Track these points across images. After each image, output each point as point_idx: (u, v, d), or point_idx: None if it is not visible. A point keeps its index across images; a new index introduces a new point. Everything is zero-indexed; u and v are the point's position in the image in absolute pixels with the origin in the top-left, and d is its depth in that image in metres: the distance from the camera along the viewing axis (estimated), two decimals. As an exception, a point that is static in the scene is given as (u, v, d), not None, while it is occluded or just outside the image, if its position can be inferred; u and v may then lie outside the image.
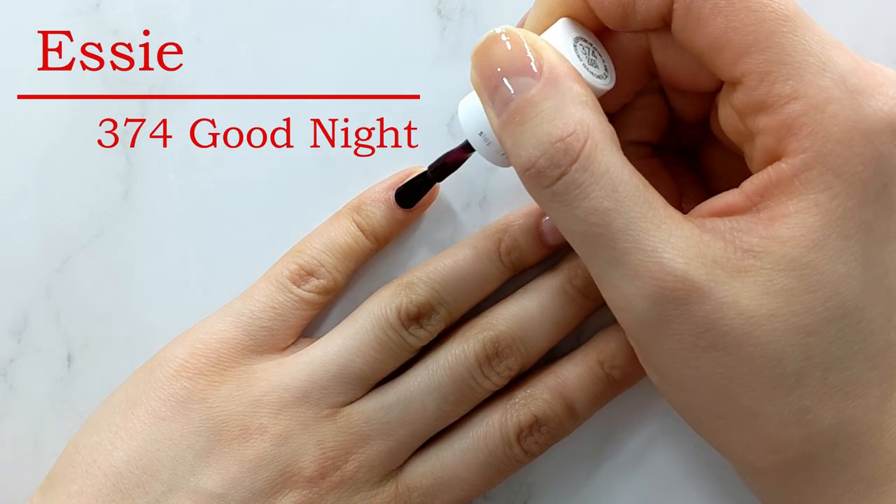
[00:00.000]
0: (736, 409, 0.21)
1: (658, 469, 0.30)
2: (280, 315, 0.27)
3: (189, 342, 0.27)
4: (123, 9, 0.29)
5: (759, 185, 0.21)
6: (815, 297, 0.20)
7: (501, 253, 0.28)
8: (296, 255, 0.28)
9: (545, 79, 0.21)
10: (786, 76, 0.20)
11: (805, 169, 0.20)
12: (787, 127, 0.20)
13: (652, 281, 0.20)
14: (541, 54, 0.21)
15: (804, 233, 0.20)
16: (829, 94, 0.20)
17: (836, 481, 0.21)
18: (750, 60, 0.20)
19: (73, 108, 0.29)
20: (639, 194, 0.21)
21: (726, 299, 0.20)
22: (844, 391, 0.21)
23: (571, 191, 0.21)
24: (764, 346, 0.20)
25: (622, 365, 0.27)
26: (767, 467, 0.22)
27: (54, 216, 0.30)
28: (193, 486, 0.25)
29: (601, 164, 0.20)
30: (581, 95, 0.21)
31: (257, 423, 0.26)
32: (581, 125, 0.21)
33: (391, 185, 0.28)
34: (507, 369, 0.27)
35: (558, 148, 0.20)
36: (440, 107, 0.29)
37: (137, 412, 0.26)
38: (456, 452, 0.27)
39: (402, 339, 0.27)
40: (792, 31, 0.20)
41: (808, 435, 0.21)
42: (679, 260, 0.20)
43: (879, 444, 0.21)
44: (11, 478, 0.29)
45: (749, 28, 0.20)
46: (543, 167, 0.21)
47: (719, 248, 0.20)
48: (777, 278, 0.20)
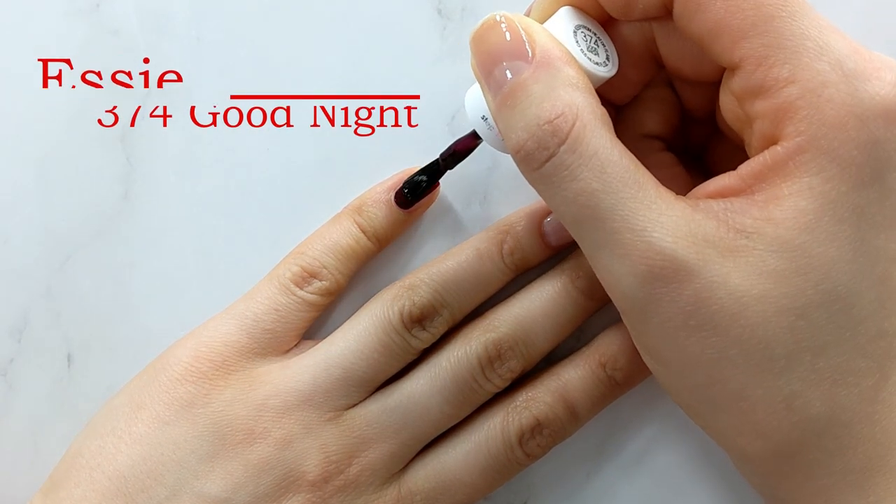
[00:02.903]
0: (725, 391, 0.21)
1: (659, 469, 0.30)
2: (283, 317, 0.27)
3: (192, 345, 0.27)
4: (123, 9, 0.29)
5: (754, 167, 0.21)
6: (805, 280, 0.20)
7: (504, 254, 0.28)
8: (297, 256, 0.28)
9: (537, 62, 0.21)
10: (783, 60, 0.20)
11: (800, 152, 0.20)
12: (783, 110, 0.20)
13: (641, 260, 0.20)
14: (534, 38, 0.21)
15: (796, 215, 0.20)
16: (825, 78, 0.20)
17: (826, 471, 0.21)
18: (748, 45, 0.20)
19: (74, 108, 0.29)
20: (628, 175, 0.21)
21: (716, 279, 0.20)
22: (834, 378, 0.21)
23: (559, 172, 0.21)
24: (753, 327, 0.20)
25: (624, 367, 0.27)
26: (758, 454, 0.22)
27: (54, 216, 0.30)
28: (197, 490, 0.25)
29: (590, 146, 0.21)
30: (572, 78, 0.21)
31: (261, 427, 0.26)
32: (570, 107, 0.21)
33: (392, 185, 0.28)
34: (509, 371, 0.27)
35: (545, 130, 0.21)
36: (440, 107, 0.29)
37: (141, 416, 0.26)
38: (458, 456, 0.27)
39: (404, 342, 0.27)
40: (790, 16, 0.20)
41: (797, 421, 0.21)
42: (668, 239, 0.20)
43: (871, 435, 0.21)
44: (11, 478, 0.29)
45: (748, 12, 0.20)
46: (532, 149, 0.21)
47: (711, 227, 0.20)
48: (769, 259, 0.20)
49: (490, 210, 0.29)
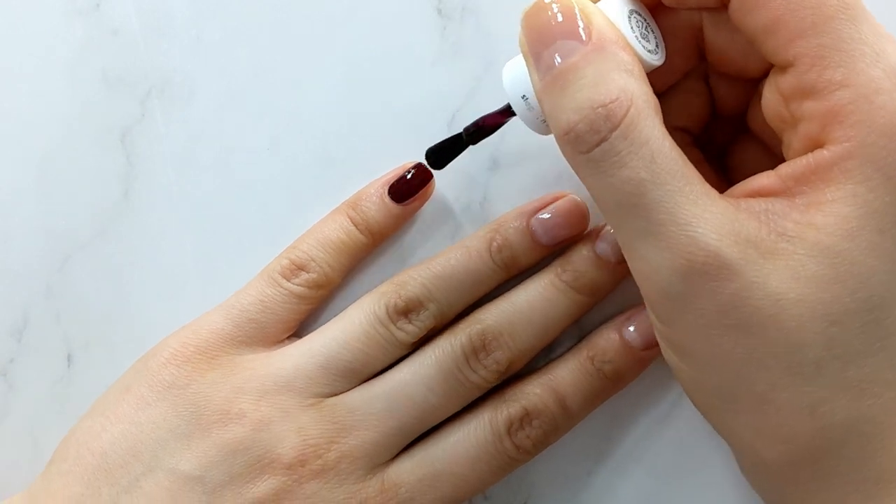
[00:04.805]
0: (750, 392, 0.21)
1: (659, 469, 0.30)
2: (269, 308, 0.28)
3: (182, 333, 0.28)
4: (123, 9, 0.29)
5: (796, 169, 0.21)
6: (843, 287, 0.20)
7: (492, 251, 0.28)
8: (289, 251, 0.28)
9: (592, 45, 0.21)
10: (838, 62, 0.20)
11: (847, 158, 0.20)
12: (833, 114, 0.20)
13: (683, 253, 0.20)
14: (591, 20, 0.21)
15: (839, 221, 0.20)
16: (879, 85, 0.20)
17: (843, 479, 0.21)
18: (805, 43, 0.20)
19: (73, 108, 0.29)
20: (677, 168, 0.20)
21: (756, 279, 0.20)
22: (861, 388, 0.20)
23: (609, 158, 0.20)
24: (788, 331, 0.20)
25: (613, 360, 0.27)
26: (775, 459, 0.22)
27: (54, 216, 0.30)
28: (171, 467, 0.26)
29: (642, 134, 0.20)
30: (627, 63, 0.21)
31: (237, 409, 0.26)
32: (624, 93, 0.20)
33: (387, 180, 0.28)
34: (495, 362, 0.27)
35: (599, 114, 0.20)
36: (440, 107, 0.29)
37: (127, 398, 0.27)
38: (445, 447, 0.27)
39: (389, 334, 0.27)
40: (850, 19, 0.20)
41: (820, 428, 0.21)
42: (712, 235, 0.20)
43: (891, 447, 0.21)
44: (11, 477, 0.29)
45: (807, 11, 0.20)
46: (583, 132, 0.21)
47: (753, 227, 0.20)
48: (808, 264, 0.20)
49: (490, 210, 0.29)
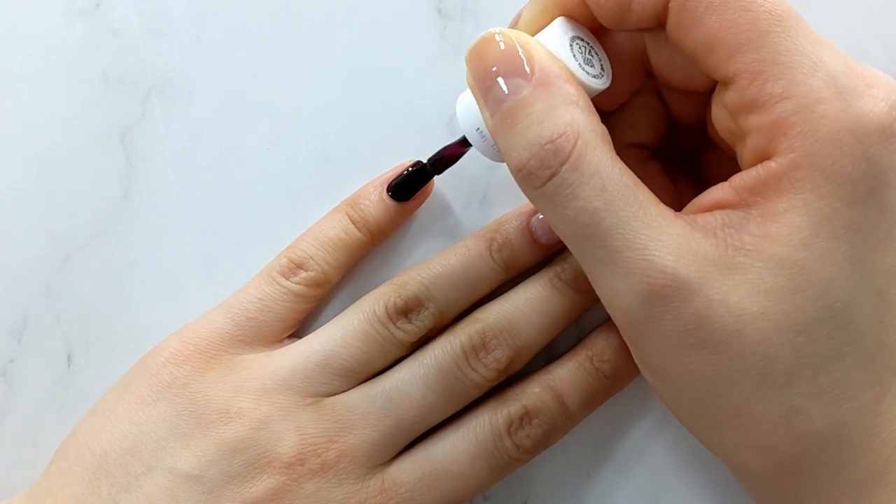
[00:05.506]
0: (726, 408, 0.21)
1: (659, 470, 0.30)
2: (267, 307, 0.28)
3: (182, 333, 0.28)
4: (123, 9, 0.29)
5: (748, 181, 0.21)
6: (804, 297, 0.20)
7: (493, 251, 0.28)
8: (288, 250, 0.28)
9: (536, 80, 0.21)
10: (777, 75, 0.20)
11: (794, 168, 0.20)
12: (777, 126, 0.20)
13: (642, 278, 0.20)
14: (532, 55, 0.21)
15: (792, 232, 0.20)
16: (819, 94, 0.20)
17: (827, 485, 0.21)
18: (742, 59, 0.20)
19: (73, 108, 0.29)
20: (629, 193, 0.21)
21: (716, 297, 0.20)
22: (835, 393, 0.21)
23: (562, 191, 0.21)
24: (754, 344, 0.20)
25: (612, 360, 0.27)
26: (758, 469, 0.22)
27: (54, 216, 0.30)
28: (170, 466, 0.26)
29: (591, 165, 0.21)
30: (572, 96, 0.21)
31: (237, 408, 0.26)
32: (571, 126, 0.21)
33: (386, 179, 0.28)
34: (495, 361, 0.27)
35: (548, 149, 0.21)
36: (440, 107, 0.29)
37: (127, 397, 0.27)
38: (445, 446, 0.27)
39: (388, 333, 0.27)
40: (785, 31, 0.20)
41: (798, 437, 0.21)
42: (669, 257, 0.20)
43: (871, 448, 0.21)
44: (11, 477, 0.29)
45: (743, 27, 0.20)
46: (534, 168, 0.21)
47: (710, 245, 0.20)
48: (767, 276, 0.20)
49: (490, 210, 0.29)
